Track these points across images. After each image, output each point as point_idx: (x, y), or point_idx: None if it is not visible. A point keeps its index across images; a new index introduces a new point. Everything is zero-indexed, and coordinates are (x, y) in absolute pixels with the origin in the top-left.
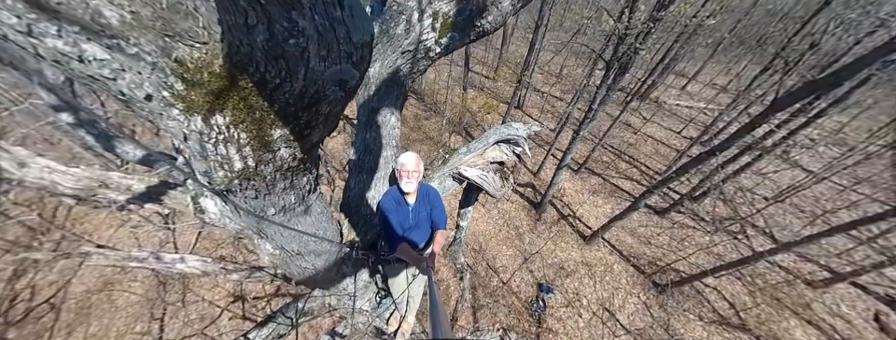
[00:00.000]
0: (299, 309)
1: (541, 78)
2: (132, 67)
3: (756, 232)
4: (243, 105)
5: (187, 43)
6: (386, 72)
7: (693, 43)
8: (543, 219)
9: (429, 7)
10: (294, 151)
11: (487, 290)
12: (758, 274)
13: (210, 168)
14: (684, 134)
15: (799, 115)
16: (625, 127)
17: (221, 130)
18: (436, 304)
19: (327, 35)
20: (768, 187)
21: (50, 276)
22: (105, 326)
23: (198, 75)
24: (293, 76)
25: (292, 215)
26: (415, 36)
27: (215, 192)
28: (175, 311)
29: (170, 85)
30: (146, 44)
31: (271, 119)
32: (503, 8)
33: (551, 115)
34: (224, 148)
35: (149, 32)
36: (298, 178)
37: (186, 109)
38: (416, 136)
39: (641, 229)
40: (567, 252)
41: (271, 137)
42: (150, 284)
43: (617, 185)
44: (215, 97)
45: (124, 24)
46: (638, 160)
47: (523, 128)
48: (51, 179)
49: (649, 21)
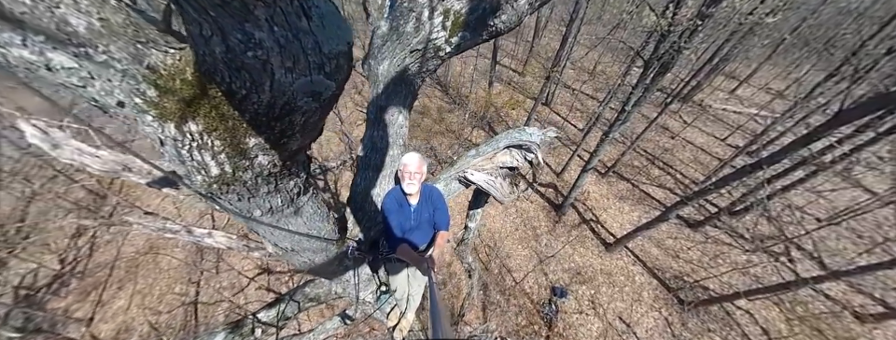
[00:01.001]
0: (306, 294)
1: (573, 75)
2: (101, 75)
3: (802, 255)
4: (215, 113)
5: (160, 49)
6: (395, 70)
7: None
8: (563, 221)
9: (440, 5)
10: (273, 159)
11: (499, 287)
12: (799, 301)
13: (188, 172)
14: (729, 142)
15: (866, 130)
16: (662, 130)
17: (195, 137)
18: (436, 305)
19: (290, 47)
20: (822, 207)
21: (106, 236)
22: (149, 284)
23: (170, 82)
24: (259, 87)
25: (281, 216)
26: (425, 35)
27: (199, 194)
28: (209, 277)
29: (142, 92)
30: (116, 51)
31: (243, 128)
32: (519, 7)
33: (580, 114)
34: (199, 154)
35: (120, 39)
36: (283, 183)
37: (158, 116)
38: (438, 128)
39: (670, 241)
40: (585, 258)
41: (246, 146)
42: (190, 251)
43: (647, 192)
44: (186, 105)
45: (92, 32)
46: (674, 167)
47: (537, 133)
48: (82, 161)
49: (696, 17)
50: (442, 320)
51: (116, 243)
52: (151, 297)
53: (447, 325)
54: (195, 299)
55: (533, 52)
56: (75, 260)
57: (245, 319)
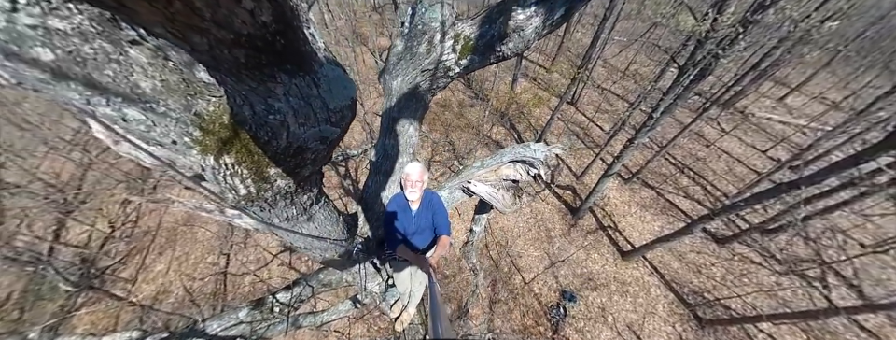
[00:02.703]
0: (320, 280)
1: (603, 74)
2: (161, 122)
3: (840, 282)
4: (244, 150)
5: (204, 98)
6: (407, 87)
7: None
8: (579, 225)
9: (452, 30)
10: (288, 182)
11: (508, 286)
12: (830, 331)
13: (222, 191)
14: (771, 155)
15: None
16: (696, 138)
17: (228, 167)
18: (436, 304)
19: (302, 111)
20: (869, 232)
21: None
22: (185, 253)
23: (211, 125)
24: (278, 137)
25: (296, 222)
26: (436, 56)
27: (229, 206)
28: (238, 251)
29: (190, 133)
30: (172, 104)
31: (266, 161)
32: (525, 36)
33: (607, 115)
34: (231, 179)
35: (175, 93)
36: (298, 197)
37: (202, 150)
38: (458, 123)
39: (692, 255)
40: (599, 265)
41: (267, 174)
42: (222, 225)
43: (673, 202)
44: (223, 143)
45: (155, 91)
46: (705, 177)
47: (541, 150)
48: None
49: (738, 24)
50: (442, 319)
51: (159, 212)
52: (187, 264)
53: (446, 324)
54: (225, 269)
55: (562, 48)
56: (123, 225)
57: (266, 298)
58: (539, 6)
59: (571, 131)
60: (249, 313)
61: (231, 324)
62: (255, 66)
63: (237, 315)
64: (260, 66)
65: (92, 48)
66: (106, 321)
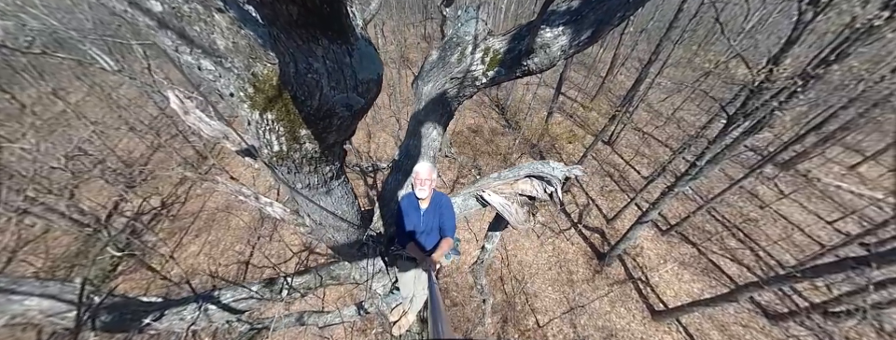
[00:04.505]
0: (329, 272)
1: (646, 117)
2: (225, 75)
3: None
4: (284, 108)
5: (262, 62)
6: (436, 92)
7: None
8: (606, 272)
9: (483, 43)
10: (315, 147)
11: (519, 326)
12: None
13: (260, 145)
14: (838, 227)
15: None
16: (750, 197)
17: (269, 123)
18: (437, 305)
19: (335, 74)
20: None
21: (198, 190)
22: (218, 238)
23: (263, 84)
24: (312, 96)
25: (316, 192)
26: (465, 66)
27: (264, 164)
28: (263, 244)
29: (245, 89)
30: (237, 62)
31: (299, 121)
32: (551, 53)
33: (647, 160)
34: (269, 135)
35: (241, 54)
36: (321, 166)
37: (251, 106)
38: (487, 149)
39: (737, 328)
40: (625, 320)
41: (299, 134)
42: (253, 217)
43: (717, 263)
44: (269, 101)
45: (227, 49)
46: (757, 241)
47: (560, 168)
48: (199, 126)
49: (797, 77)
50: (442, 320)
51: (203, 197)
52: (217, 249)
53: (447, 326)
54: (248, 259)
55: (603, 88)
56: (172, 203)
57: (278, 279)
58: (568, 25)
59: (605, 171)
60: (260, 290)
61: (242, 297)
62: (303, 25)
63: (251, 289)
64: (308, 26)
65: (190, 7)
66: (137, 291)
